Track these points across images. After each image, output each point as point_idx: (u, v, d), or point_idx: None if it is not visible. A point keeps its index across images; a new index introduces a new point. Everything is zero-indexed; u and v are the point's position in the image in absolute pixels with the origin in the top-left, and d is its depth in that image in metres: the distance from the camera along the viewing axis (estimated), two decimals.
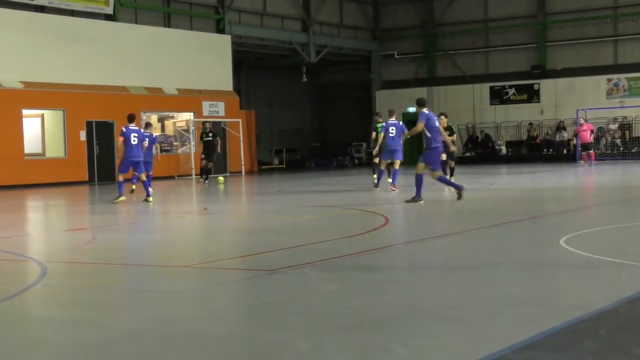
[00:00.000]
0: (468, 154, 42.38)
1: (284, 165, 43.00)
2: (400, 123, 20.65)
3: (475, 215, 14.32)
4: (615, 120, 39.84)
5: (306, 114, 48.24)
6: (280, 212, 16.31)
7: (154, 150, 22.15)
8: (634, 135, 39.25)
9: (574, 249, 9.06)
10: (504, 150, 41.47)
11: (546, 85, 41.68)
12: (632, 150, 38.16)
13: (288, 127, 46.38)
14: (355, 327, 5.83)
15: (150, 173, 21.11)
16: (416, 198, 15.92)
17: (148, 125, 21.95)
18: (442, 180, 16.52)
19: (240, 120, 35.43)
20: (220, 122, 26.73)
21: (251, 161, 37.14)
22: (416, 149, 21.51)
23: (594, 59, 40.89)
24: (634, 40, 40.24)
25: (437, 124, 16.22)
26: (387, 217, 13.45)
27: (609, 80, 40.06)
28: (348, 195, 20.44)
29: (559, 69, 41.52)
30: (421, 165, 16.01)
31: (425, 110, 16.12)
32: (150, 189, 19.09)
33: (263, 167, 40.81)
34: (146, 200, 18.59)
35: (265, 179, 31.86)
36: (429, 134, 15.92)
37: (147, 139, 19.90)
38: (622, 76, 39.93)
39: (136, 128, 19.15)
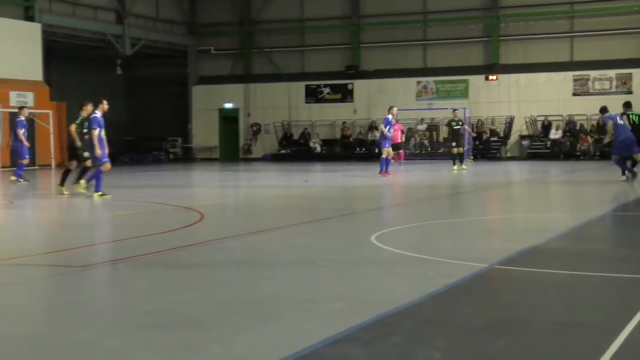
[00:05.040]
0: (283, 151, 42.85)
1: None
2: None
3: (290, 212, 14.47)
4: (423, 121, 41.37)
5: (120, 108, 47.11)
6: (94, 207, 15.86)
7: None
8: (441, 136, 40.94)
9: (384, 246, 9.32)
10: (318, 148, 42.16)
11: (359, 86, 42.74)
12: (439, 151, 39.78)
13: None
14: (166, 324, 5.74)
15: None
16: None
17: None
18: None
19: (50, 111, 34.17)
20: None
21: (62, 154, 35.84)
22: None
23: (405, 61, 42.31)
24: (441, 45, 41.94)
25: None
26: (202, 213, 13.36)
27: (419, 82, 41.57)
28: (164, 190, 20.19)
29: (371, 70, 42.66)
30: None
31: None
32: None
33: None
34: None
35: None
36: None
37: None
38: (430, 79, 41.54)
39: None
